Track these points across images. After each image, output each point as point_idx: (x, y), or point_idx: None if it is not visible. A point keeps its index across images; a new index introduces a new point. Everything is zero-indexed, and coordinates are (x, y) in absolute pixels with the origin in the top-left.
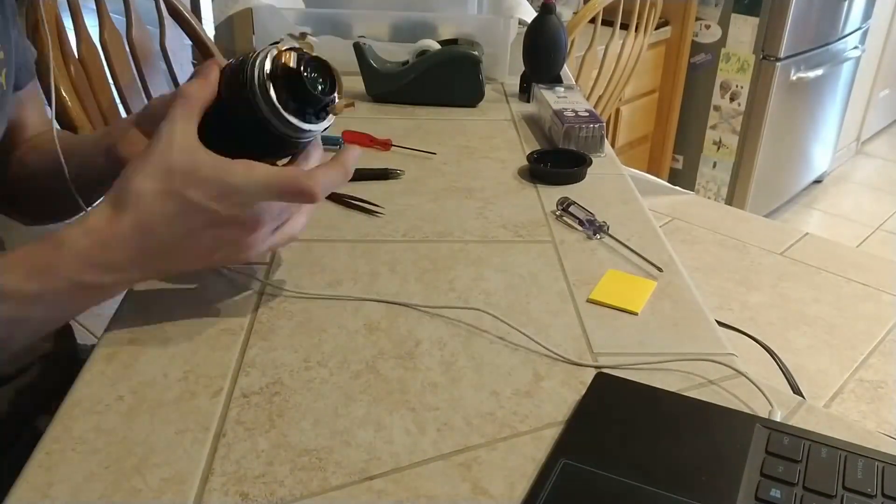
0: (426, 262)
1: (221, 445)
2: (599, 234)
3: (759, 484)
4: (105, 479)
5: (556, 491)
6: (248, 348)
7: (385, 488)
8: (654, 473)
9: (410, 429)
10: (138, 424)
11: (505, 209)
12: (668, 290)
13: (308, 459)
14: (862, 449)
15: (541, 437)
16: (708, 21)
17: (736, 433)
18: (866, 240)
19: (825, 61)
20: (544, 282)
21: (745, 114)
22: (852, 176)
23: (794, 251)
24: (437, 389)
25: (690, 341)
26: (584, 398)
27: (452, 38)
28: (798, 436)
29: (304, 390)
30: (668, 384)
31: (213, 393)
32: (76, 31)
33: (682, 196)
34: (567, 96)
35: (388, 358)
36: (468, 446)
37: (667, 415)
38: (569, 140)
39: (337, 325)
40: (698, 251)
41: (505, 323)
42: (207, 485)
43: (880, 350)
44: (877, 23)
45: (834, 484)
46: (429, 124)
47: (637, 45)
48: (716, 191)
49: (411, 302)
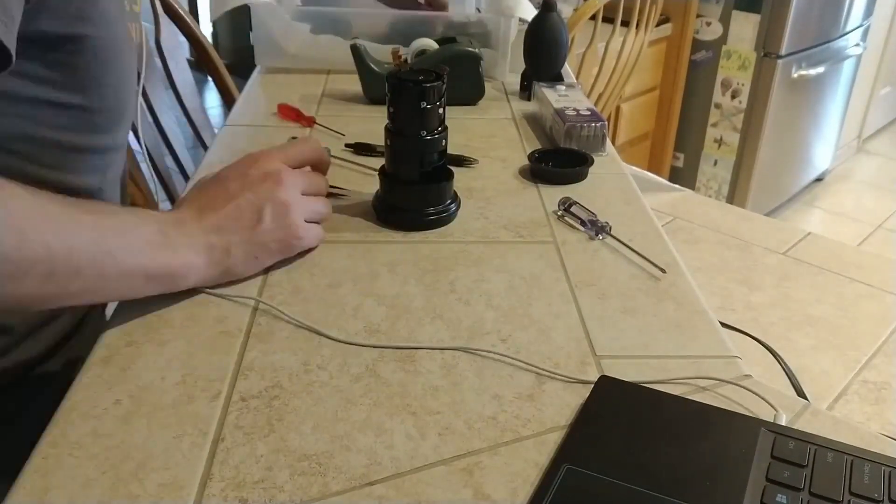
0: (427, 263)
1: (220, 450)
2: (602, 234)
3: (764, 489)
4: (102, 484)
5: (560, 496)
6: (246, 351)
7: (386, 494)
8: (658, 479)
9: (411, 433)
10: (136, 429)
11: (506, 209)
12: (671, 291)
13: (308, 464)
14: (868, 453)
15: (544, 442)
16: (709, 18)
17: (741, 437)
18: (868, 238)
19: (826, 59)
20: (546, 283)
21: (746, 111)
22: (854, 174)
23: (796, 251)
24: (438, 393)
25: (694, 343)
26: (586, 402)
27: (450, 37)
28: (803, 440)
29: (304, 394)
30: (671, 387)
31: (212, 397)
32: None
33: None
34: (568, 95)
35: (389, 361)
36: (470, 451)
37: (671, 419)
38: (570, 139)
39: (337, 328)
40: (700, 251)
41: (500, 355)
42: (206, 490)
43: (884, 351)
44: (878, 20)
45: (840, 489)
46: None
47: (638, 42)
48: (717, 189)
49: (399, 344)
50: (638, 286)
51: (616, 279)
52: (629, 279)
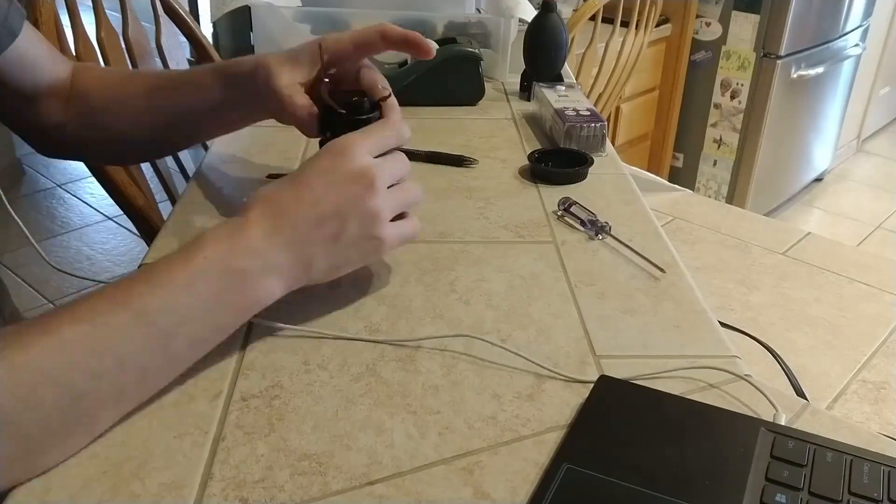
0: (427, 263)
1: (221, 450)
2: (601, 234)
3: (764, 489)
4: (103, 483)
5: (559, 496)
6: (247, 351)
7: (386, 493)
8: (657, 478)
9: (412, 433)
10: (137, 428)
11: (506, 209)
12: (670, 291)
13: (308, 464)
14: (867, 453)
15: (543, 441)
16: (708, 18)
17: (740, 437)
18: (867, 238)
19: (826, 59)
20: (546, 283)
21: (746, 112)
22: (853, 174)
23: (795, 251)
24: (438, 392)
25: (693, 343)
26: (586, 402)
27: (450, 37)
28: (803, 440)
29: (304, 393)
30: (671, 387)
31: (212, 396)
32: (73, 30)
33: (683, 195)
34: (568, 95)
35: (389, 360)
36: (470, 450)
37: (670, 419)
38: (570, 139)
39: (337, 328)
40: (700, 251)
41: (500, 346)
42: (207, 489)
43: (883, 351)
44: (877, 20)
45: (840, 489)
46: (429, 123)
47: (637, 42)
48: (716, 189)
49: (399, 338)
50: (637, 286)
51: (616, 279)
52: (629, 279)
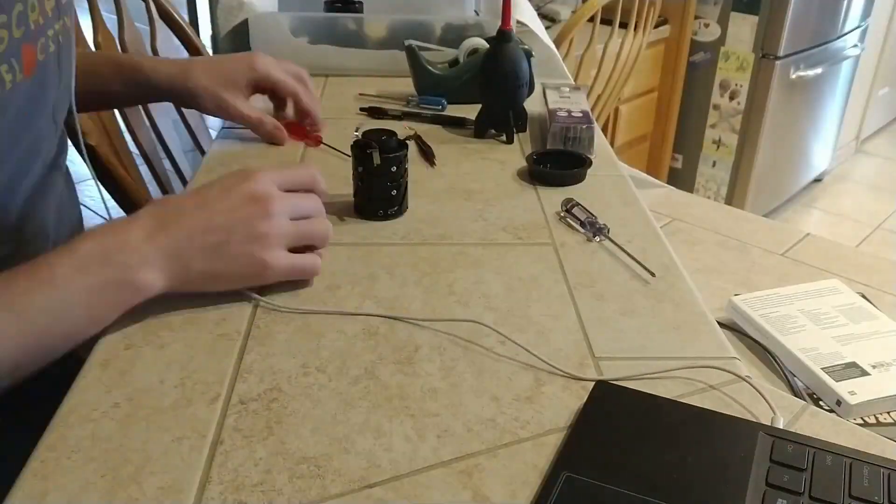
0: (425, 266)
1: (219, 453)
2: (599, 236)
3: (764, 494)
4: (101, 487)
5: None
6: (245, 354)
7: (385, 496)
8: (657, 485)
9: (410, 435)
10: (134, 432)
11: (505, 211)
12: (669, 293)
13: (306, 467)
14: (867, 456)
15: (542, 444)
16: (707, 19)
17: (740, 442)
18: (866, 239)
19: (824, 60)
20: (545, 284)
21: (745, 112)
22: (852, 175)
23: (795, 252)
24: (436, 395)
25: (692, 345)
26: (584, 408)
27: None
28: (802, 443)
29: (303, 397)
30: (669, 390)
31: (210, 400)
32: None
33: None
34: (570, 97)
35: (388, 363)
36: (469, 453)
37: (669, 424)
38: (556, 140)
39: (335, 330)
40: (699, 252)
41: (504, 336)
42: (205, 493)
43: None
44: (876, 21)
45: (840, 492)
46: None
47: (636, 43)
48: (715, 190)
49: (407, 315)
50: (636, 288)
51: (615, 281)
52: (628, 280)
